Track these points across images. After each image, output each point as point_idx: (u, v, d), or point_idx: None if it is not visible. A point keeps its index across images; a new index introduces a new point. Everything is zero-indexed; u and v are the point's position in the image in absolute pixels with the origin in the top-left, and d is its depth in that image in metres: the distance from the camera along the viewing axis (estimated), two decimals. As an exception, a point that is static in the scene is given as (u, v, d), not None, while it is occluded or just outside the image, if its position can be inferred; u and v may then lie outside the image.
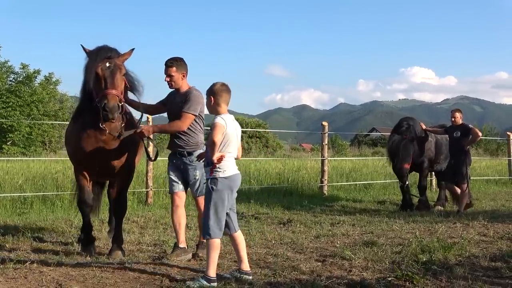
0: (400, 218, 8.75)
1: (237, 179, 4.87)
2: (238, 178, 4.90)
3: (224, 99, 4.85)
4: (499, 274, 5.14)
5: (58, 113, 37.55)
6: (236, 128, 4.90)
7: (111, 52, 5.48)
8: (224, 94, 4.86)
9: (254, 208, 10.21)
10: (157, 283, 4.77)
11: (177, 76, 5.76)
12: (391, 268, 5.31)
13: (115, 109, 5.11)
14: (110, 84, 5.24)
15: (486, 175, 17.31)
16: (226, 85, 4.93)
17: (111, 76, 5.28)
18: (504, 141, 24.26)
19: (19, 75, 36.20)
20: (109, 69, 5.30)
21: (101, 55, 5.38)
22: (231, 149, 4.79)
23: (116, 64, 5.38)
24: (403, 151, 10.21)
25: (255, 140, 43.85)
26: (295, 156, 26.09)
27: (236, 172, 4.86)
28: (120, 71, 5.37)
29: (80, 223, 7.97)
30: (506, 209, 10.49)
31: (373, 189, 14.11)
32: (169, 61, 5.77)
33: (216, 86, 4.87)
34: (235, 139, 4.85)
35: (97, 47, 5.52)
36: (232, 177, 4.80)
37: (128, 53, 5.64)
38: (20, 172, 11.84)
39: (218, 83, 4.92)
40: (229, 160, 4.78)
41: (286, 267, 5.28)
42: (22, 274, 4.97)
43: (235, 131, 4.85)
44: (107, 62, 5.33)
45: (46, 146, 34.05)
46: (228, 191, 4.79)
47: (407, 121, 10.76)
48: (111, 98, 5.13)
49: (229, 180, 4.78)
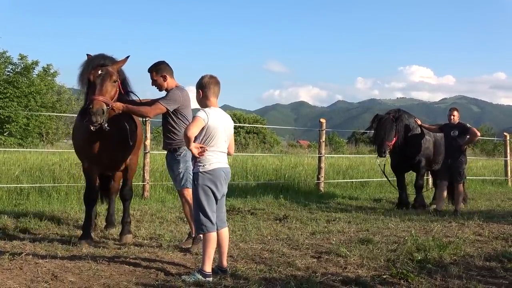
0: (396, 216, 8.77)
1: (221, 174, 4.75)
2: (224, 173, 4.79)
3: (212, 92, 4.82)
4: (493, 273, 5.17)
5: (56, 105, 37.46)
6: (224, 122, 4.82)
7: (105, 60, 5.86)
8: (213, 86, 4.83)
9: (250, 204, 10.23)
10: (153, 276, 4.78)
11: (158, 79, 6.00)
12: (386, 266, 5.33)
13: (98, 113, 5.49)
14: (98, 90, 5.62)
15: (482, 175, 17.35)
16: (214, 78, 4.89)
17: (101, 83, 5.66)
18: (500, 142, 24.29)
19: (17, 66, 36.03)
20: (100, 77, 5.68)
21: (95, 62, 5.79)
22: (215, 143, 4.72)
23: (108, 72, 5.74)
24: (385, 127, 10.16)
25: (252, 135, 43.84)
26: (292, 152, 26.08)
27: (221, 166, 4.75)
28: (110, 78, 5.73)
29: (76, 216, 8.02)
30: (501, 209, 10.52)
31: (369, 187, 14.13)
32: (149, 68, 6.04)
33: (205, 79, 4.84)
34: (223, 134, 4.78)
35: (94, 55, 5.93)
36: (215, 171, 4.71)
37: (123, 60, 6.02)
38: (17, 164, 11.82)
39: (206, 75, 4.89)
40: (213, 154, 4.72)
41: (281, 263, 5.30)
42: (17, 265, 4.97)
43: (222, 125, 4.78)
44: (99, 69, 5.71)
45: (43, 137, 33.92)
46: (211, 185, 4.70)
47: (399, 109, 10.81)
48: (96, 103, 5.51)
49: (211, 174, 4.70)
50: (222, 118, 4.81)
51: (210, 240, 4.70)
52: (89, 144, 6.06)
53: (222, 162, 4.78)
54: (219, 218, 4.84)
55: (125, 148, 6.27)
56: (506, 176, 17.06)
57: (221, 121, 4.79)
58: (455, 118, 9.97)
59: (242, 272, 4.91)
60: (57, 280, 4.54)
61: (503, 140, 18.20)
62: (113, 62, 5.92)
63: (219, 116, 4.79)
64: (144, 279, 4.67)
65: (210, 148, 4.70)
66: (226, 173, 4.84)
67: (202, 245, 4.78)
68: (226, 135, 4.84)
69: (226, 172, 4.83)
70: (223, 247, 4.89)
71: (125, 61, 6.00)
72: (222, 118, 4.82)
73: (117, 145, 6.10)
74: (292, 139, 64.94)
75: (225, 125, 4.82)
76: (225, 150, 4.85)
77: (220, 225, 4.85)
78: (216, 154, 4.74)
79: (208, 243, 4.69)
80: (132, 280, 4.61)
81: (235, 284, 4.54)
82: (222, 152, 4.80)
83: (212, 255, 4.74)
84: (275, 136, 48.61)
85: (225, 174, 4.81)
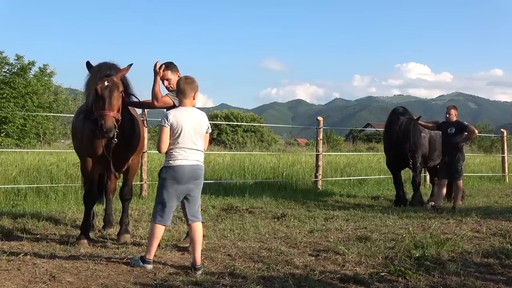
0: (394, 214, 8.78)
1: (183, 170, 4.91)
2: (187, 170, 4.94)
3: (183, 94, 5.04)
4: (491, 270, 5.18)
5: (53, 105, 37.32)
6: (192, 120, 4.99)
7: (110, 70, 5.82)
8: (182, 88, 5.05)
9: (248, 202, 10.23)
10: (151, 276, 4.78)
11: (173, 78, 6.08)
12: (384, 263, 5.34)
13: (111, 129, 5.57)
14: (108, 104, 5.61)
15: (480, 172, 17.37)
16: (188, 78, 5.13)
17: (109, 96, 5.64)
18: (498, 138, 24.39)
19: (14, 66, 35.89)
20: (108, 89, 5.66)
21: (101, 72, 5.74)
22: (180, 141, 4.91)
23: (114, 83, 5.73)
24: (414, 131, 10.10)
25: (250, 134, 43.87)
26: (290, 150, 26.10)
27: (186, 164, 4.93)
28: (117, 89, 5.73)
29: (74, 216, 8.00)
30: (499, 206, 10.54)
31: (367, 185, 14.14)
32: (165, 67, 6.05)
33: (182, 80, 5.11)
34: (190, 132, 4.94)
35: (98, 64, 5.87)
36: (177, 168, 4.90)
37: (126, 68, 6.01)
38: (14, 164, 11.80)
39: (181, 77, 5.21)
40: (179, 151, 4.91)
41: (279, 261, 5.30)
42: (15, 266, 4.97)
43: (189, 124, 4.96)
44: (105, 80, 5.68)
45: (40, 138, 33.83)
46: (172, 180, 4.91)
47: (400, 106, 10.77)
48: (107, 119, 5.56)
49: (173, 170, 4.90)
50: (189, 117, 4.99)
51: (156, 232, 5.00)
52: (92, 145, 6.08)
53: (189, 159, 4.95)
54: (190, 213, 5.06)
55: (129, 150, 6.32)
56: (504, 172, 17.09)
57: (188, 120, 4.97)
58: (453, 117, 9.95)
59: (240, 271, 4.91)
60: (55, 281, 4.53)
61: (500, 137, 18.25)
62: (117, 70, 5.90)
63: (186, 115, 4.99)
64: (142, 279, 4.67)
65: (175, 145, 4.92)
66: (193, 170, 4.98)
67: (149, 234, 5.13)
68: (197, 133, 5.00)
69: (193, 169, 4.97)
70: (195, 242, 5.02)
71: (128, 69, 6.01)
72: (190, 117, 5.00)
73: (120, 146, 6.08)
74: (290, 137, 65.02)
75: (193, 124, 4.99)
76: (195, 147, 5.01)
77: (191, 219, 5.06)
78: (182, 151, 4.93)
79: (153, 235, 5.00)
80: (130, 280, 4.61)
81: (233, 282, 4.54)
82: (190, 149, 4.96)
83: (154, 245, 5.02)
84: (272, 135, 48.63)
85: (191, 171, 4.96)
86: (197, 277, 4.71)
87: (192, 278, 4.64)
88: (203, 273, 4.82)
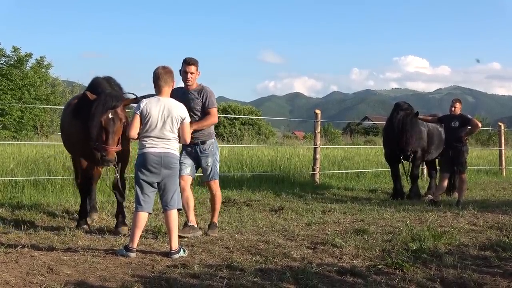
0: (391, 207, 8.80)
1: (150, 157, 5.12)
2: (154, 156, 5.13)
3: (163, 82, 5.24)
4: (488, 263, 5.20)
5: (50, 97, 37.20)
6: (164, 109, 5.15)
7: (117, 101, 5.83)
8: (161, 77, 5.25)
9: (246, 195, 10.23)
10: (149, 268, 4.79)
11: (196, 74, 6.27)
12: (381, 256, 5.35)
13: (112, 161, 5.83)
14: (111, 140, 5.74)
15: (477, 165, 17.41)
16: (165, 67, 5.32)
17: (112, 130, 5.74)
18: (495, 132, 24.40)
19: (11, 58, 35.73)
20: (111, 121, 5.74)
21: (107, 105, 5.78)
22: (149, 129, 5.13)
23: (118, 116, 5.80)
24: (411, 126, 10.13)
25: (247, 127, 43.80)
26: (288, 143, 26.08)
27: (153, 151, 5.12)
28: (120, 121, 5.83)
29: (72, 208, 8.01)
30: (496, 199, 10.58)
31: (364, 178, 14.15)
32: (191, 59, 6.24)
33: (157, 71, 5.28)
34: (159, 121, 5.12)
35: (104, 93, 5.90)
36: (145, 155, 5.14)
37: (131, 100, 6.00)
38: (11, 156, 11.76)
39: (158, 67, 5.33)
40: (147, 139, 5.14)
41: (277, 254, 5.31)
42: (13, 258, 4.97)
43: (158, 113, 5.13)
44: (110, 113, 5.75)
45: (37, 130, 33.72)
46: (141, 167, 5.17)
47: (405, 102, 10.76)
48: (109, 153, 5.75)
49: (142, 157, 5.17)
50: (159, 107, 5.15)
51: (138, 219, 5.19)
52: (83, 142, 6.28)
53: (157, 147, 5.15)
54: (164, 201, 5.28)
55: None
56: (501, 166, 17.13)
57: (158, 109, 5.15)
58: (457, 110, 9.88)
59: (238, 263, 4.92)
60: (52, 273, 4.54)
61: (497, 130, 18.26)
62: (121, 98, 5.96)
63: (156, 105, 5.16)
64: (140, 271, 4.67)
65: (145, 133, 5.14)
66: (161, 157, 5.15)
67: (131, 222, 5.38)
68: (166, 122, 5.16)
69: (160, 156, 5.15)
70: (170, 229, 5.24)
71: (132, 101, 5.98)
72: (160, 107, 5.16)
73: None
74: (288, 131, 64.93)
75: (164, 113, 5.15)
76: (164, 136, 5.17)
77: (164, 207, 5.28)
78: (150, 140, 5.14)
79: (135, 223, 5.19)
80: (128, 272, 4.61)
81: (231, 275, 4.55)
82: (158, 138, 5.15)
83: (137, 234, 5.19)
84: (270, 128, 48.57)
85: (158, 158, 5.14)
86: (195, 269, 4.71)
87: (190, 270, 4.65)
88: (201, 266, 4.83)
